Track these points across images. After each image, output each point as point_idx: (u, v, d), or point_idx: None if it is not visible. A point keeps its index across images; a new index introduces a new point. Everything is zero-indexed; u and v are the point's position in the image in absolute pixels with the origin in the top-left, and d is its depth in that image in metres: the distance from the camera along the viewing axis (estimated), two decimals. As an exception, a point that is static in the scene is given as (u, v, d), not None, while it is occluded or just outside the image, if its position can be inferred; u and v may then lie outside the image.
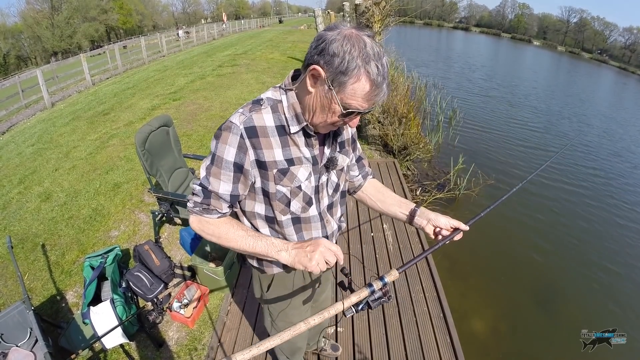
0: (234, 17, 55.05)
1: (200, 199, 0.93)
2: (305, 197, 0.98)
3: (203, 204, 0.93)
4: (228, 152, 0.87)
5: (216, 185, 0.90)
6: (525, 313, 3.10)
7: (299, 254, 0.88)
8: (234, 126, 0.86)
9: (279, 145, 0.89)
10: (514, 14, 75.11)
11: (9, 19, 38.36)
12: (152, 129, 2.33)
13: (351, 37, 0.75)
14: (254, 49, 13.25)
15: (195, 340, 2.09)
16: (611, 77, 33.31)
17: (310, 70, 0.79)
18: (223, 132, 0.87)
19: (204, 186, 0.92)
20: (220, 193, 0.91)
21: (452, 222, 1.05)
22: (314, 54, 0.78)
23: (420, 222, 1.07)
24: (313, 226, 1.04)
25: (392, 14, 4.80)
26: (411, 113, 5.10)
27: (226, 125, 0.87)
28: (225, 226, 0.95)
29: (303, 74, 0.85)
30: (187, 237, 2.68)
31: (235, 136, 0.86)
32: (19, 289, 2.36)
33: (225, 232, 0.94)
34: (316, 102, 0.83)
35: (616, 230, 4.60)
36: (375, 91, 0.78)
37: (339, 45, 0.74)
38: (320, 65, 0.77)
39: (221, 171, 0.89)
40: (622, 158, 7.70)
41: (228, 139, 0.86)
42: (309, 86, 0.82)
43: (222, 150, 0.87)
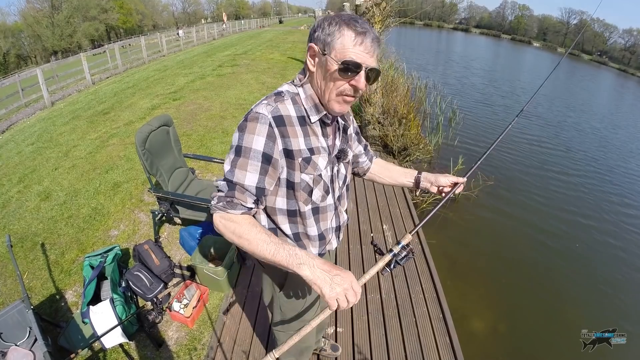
0: (234, 17, 55.05)
1: (225, 192, 0.89)
2: (325, 185, 1.02)
3: (227, 197, 0.89)
4: (257, 142, 0.87)
5: (241, 177, 0.88)
6: (525, 313, 3.10)
7: (323, 276, 0.81)
8: (262, 116, 0.87)
9: (301, 135, 0.93)
10: (513, 15, 75.27)
11: (9, 18, 38.40)
12: (152, 128, 2.33)
13: (330, 15, 0.88)
14: (254, 49, 13.26)
15: (195, 340, 2.09)
16: (611, 78, 33.35)
17: (307, 53, 0.90)
18: (249, 122, 0.87)
19: (228, 180, 0.89)
20: (246, 185, 0.88)
21: (451, 179, 1.19)
22: (308, 41, 0.90)
23: (425, 185, 1.22)
24: (328, 216, 1.08)
25: (393, 14, 4.81)
26: (411, 114, 5.10)
27: (252, 116, 0.88)
28: (248, 226, 0.89)
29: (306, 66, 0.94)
30: (187, 236, 2.68)
31: (264, 125, 0.87)
32: (18, 288, 2.35)
33: (247, 231, 0.88)
34: (320, 77, 0.90)
35: (617, 230, 4.61)
36: (362, 37, 0.84)
37: (321, 22, 0.87)
38: (312, 44, 0.89)
39: (248, 161, 0.87)
40: (623, 157, 7.71)
41: (256, 129, 0.87)
42: (311, 67, 0.91)
43: (250, 141, 0.87)
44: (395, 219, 3.21)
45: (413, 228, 1.00)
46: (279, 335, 1.33)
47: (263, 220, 1.05)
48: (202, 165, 3.95)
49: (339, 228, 1.16)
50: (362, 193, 3.61)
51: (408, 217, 3.25)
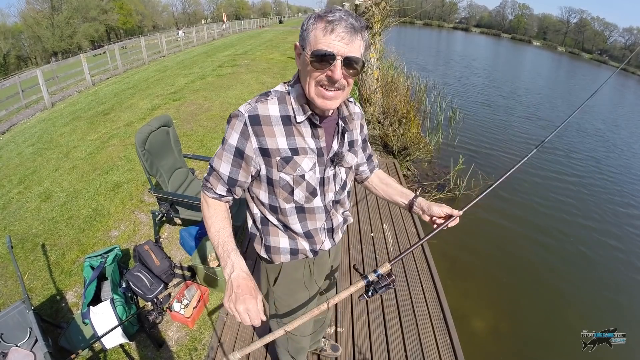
0: (234, 18, 55.04)
1: (209, 176, 1.01)
2: (309, 187, 1.01)
3: (206, 180, 1.02)
4: (232, 137, 0.94)
5: (218, 165, 0.98)
6: (525, 313, 3.10)
7: (230, 288, 0.89)
8: (240, 114, 0.93)
9: (282, 134, 0.93)
10: (514, 14, 75.18)
11: (9, 19, 38.42)
12: (152, 129, 2.33)
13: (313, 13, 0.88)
14: (254, 49, 13.27)
15: (195, 340, 2.09)
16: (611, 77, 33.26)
17: (296, 46, 0.90)
18: (232, 118, 0.94)
19: (210, 165, 1.01)
20: (220, 172, 0.98)
21: (446, 210, 1.10)
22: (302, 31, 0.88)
23: (417, 211, 1.17)
24: (317, 217, 1.07)
25: (392, 14, 4.81)
26: (411, 113, 5.10)
27: (234, 112, 0.95)
28: (214, 210, 1.00)
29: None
30: (187, 237, 2.68)
31: (240, 123, 0.92)
32: (19, 288, 2.36)
33: (208, 215, 1.00)
34: (303, 74, 0.90)
35: (617, 230, 4.61)
36: (332, 25, 0.80)
37: (304, 21, 0.87)
38: (296, 42, 0.90)
39: (224, 152, 0.96)
40: (624, 155, 7.71)
41: (234, 125, 0.93)
42: (298, 65, 0.92)
43: (229, 135, 0.94)
44: (396, 219, 3.21)
45: (395, 257, 0.98)
46: (273, 325, 1.33)
47: (254, 209, 1.10)
48: (202, 166, 3.95)
49: (332, 230, 1.14)
50: (362, 192, 3.61)
51: (408, 217, 3.25)
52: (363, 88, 4.83)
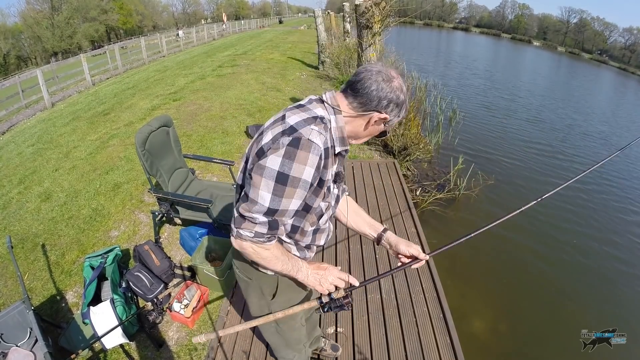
0: (234, 18, 55.02)
1: (266, 229, 0.90)
2: (327, 208, 1.07)
3: (269, 234, 0.91)
4: (307, 173, 0.85)
5: (287, 205, 0.88)
6: (525, 313, 3.10)
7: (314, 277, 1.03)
8: (315, 147, 0.85)
9: (332, 165, 0.96)
10: (513, 14, 75.11)
11: (9, 19, 38.37)
12: (152, 129, 2.33)
13: (402, 86, 0.94)
14: (254, 50, 13.26)
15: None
16: (611, 77, 33.31)
17: (376, 117, 0.93)
18: (301, 151, 0.83)
19: (273, 214, 0.88)
20: (290, 210, 0.90)
21: (412, 250, 1.13)
22: (381, 104, 0.92)
23: (385, 245, 1.20)
24: (324, 235, 1.14)
25: (392, 14, 4.80)
26: (411, 113, 5.10)
27: (304, 143, 0.83)
28: (277, 251, 0.98)
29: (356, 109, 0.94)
30: (187, 237, 2.68)
31: (316, 157, 0.85)
32: (19, 288, 2.36)
33: (276, 255, 0.98)
34: (371, 131, 0.98)
35: (617, 230, 4.60)
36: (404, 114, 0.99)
37: (402, 96, 0.93)
38: (386, 113, 0.93)
39: (296, 191, 0.86)
40: (624, 155, 7.70)
41: (308, 160, 0.84)
42: (370, 125, 0.96)
43: (301, 171, 0.84)
44: (396, 219, 3.21)
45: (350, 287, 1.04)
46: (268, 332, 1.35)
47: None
48: (202, 166, 3.95)
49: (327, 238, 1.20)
50: (362, 192, 3.61)
51: (408, 217, 3.25)
52: (363, 88, 4.83)
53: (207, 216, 2.37)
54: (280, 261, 0.98)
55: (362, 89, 0.91)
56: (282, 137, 0.85)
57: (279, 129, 0.88)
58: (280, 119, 0.91)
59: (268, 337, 1.39)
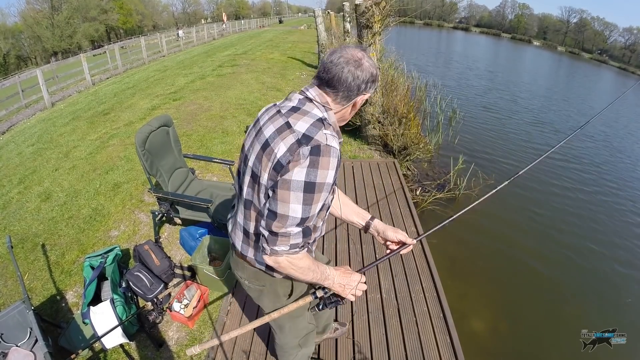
0: (234, 17, 55.00)
1: (301, 239, 0.92)
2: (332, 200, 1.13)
3: (303, 243, 0.93)
4: (330, 176, 0.88)
5: (315, 209, 0.90)
6: (525, 313, 3.10)
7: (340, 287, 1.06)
8: (334, 150, 0.88)
9: None
10: (514, 14, 75.07)
11: (9, 19, 38.40)
12: (152, 129, 2.33)
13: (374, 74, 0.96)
14: (254, 49, 13.26)
15: (195, 340, 2.09)
16: (611, 77, 33.27)
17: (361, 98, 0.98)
18: (322, 157, 0.85)
19: (304, 222, 0.90)
20: (316, 213, 0.92)
21: (400, 236, 1.16)
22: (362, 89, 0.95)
23: (373, 232, 1.23)
24: (324, 225, 1.16)
25: (392, 14, 4.79)
26: (411, 113, 5.09)
27: (324, 150, 0.86)
28: (309, 259, 1.00)
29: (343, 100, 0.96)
30: (187, 237, 2.68)
31: (335, 159, 0.88)
32: (19, 288, 2.36)
33: (309, 265, 0.99)
34: (355, 109, 1.02)
35: (617, 230, 4.60)
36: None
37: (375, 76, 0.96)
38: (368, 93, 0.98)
39: (322, 195, 0.89)
40: (625, 155, 7.70)
41: (330, 164, 0.87)
42: (356, 107, 1.01)
43: (325, 176, 0.86)
44: (396, 218, 3.21)
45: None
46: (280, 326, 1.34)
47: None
48: (202, 166, 3.95)
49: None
50: (362, 192, 3.61)
51: (408, 217, 3.24)
52: (363, 88, 4.83)
53: (207, 216, 2.37)
54: (312, 271, 0.99)
55: (339, 84, 0.92)
56: (299, 147, 0.86)
57: (291, 139, 0.88)
58: (286, 127, 0.91)
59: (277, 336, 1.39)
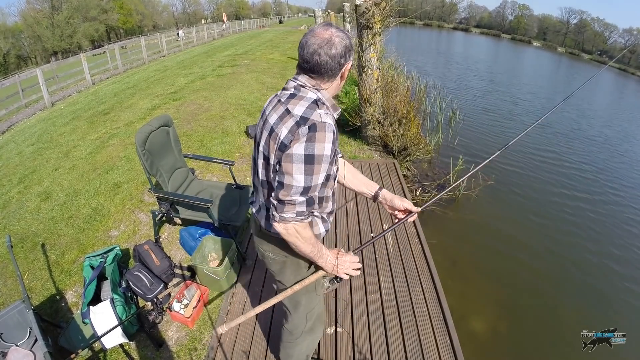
0: (234, 18, 55.01)
1: (305, 207, 1.01)
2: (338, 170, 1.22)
3: (307, 211, 1.03)
4: (327, 149, 0.96)
5: (317, 182, 0.99)
6: (525, 313, 3.10)
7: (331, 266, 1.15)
8: (329, 125, 0.96)
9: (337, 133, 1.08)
10: (514, 15, 75.08)
11: (9, 18, 38.42)
12: (152, 128, 2.33)
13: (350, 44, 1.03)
14: (254, 49, 13.27)
15: (195, 340, 2.09)
16: (611, 77, 33.29)
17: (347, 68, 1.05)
18: (318, 132, 0.94)
19: (307, 192, 0.99)
20: (318, 188, 1.02)
21: (406, 205, 1.26)
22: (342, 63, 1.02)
23: (382, 201, 1.33)
24: (334, 198, 1.24)
25: (392, 14, 4.80)
26: (411, 114, 5.09)
27: (320, 125, 0.95)
28: (311, 232, 1.09)
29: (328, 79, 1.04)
30: (187, 237, 2.68)
31: (330, 133, 0.96)
32: (19, 288, 2.36)
33: (310, 235, 1.08)
34: (343, 79, 1.08)
35: (617, 230, 4.61)
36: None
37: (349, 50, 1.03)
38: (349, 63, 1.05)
39: (321, 166, 0.97)
40: (625, 156, 7.70)
41: (326, 137, 0.95)
42: (343, 78, 1.07)
43: (322, 148, 0.95)
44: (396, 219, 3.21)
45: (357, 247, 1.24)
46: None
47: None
48: (202, 166, 3.95)
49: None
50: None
51: (408, 217, 3.24)
52: (363, 88, 4.82)
53: (207, 216, 2.36)
54: (312, 245, 1.08)
55: (320, 69, 1.00)
56: (298, 128, 0.95)
57: (291, 122, 0.97)
58: (286, 113, 1.00)
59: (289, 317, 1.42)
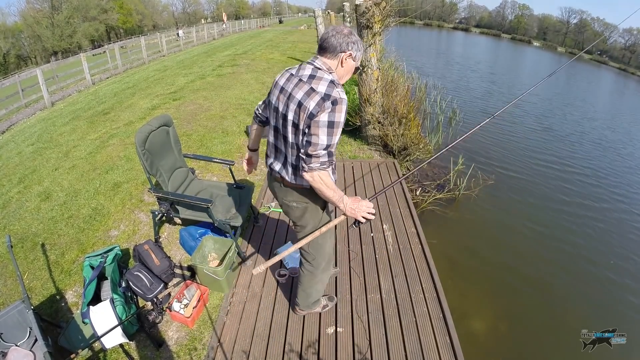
0: (234, 17, 55.00)
1: (327, 158, 1.35)
2: None
3: (330, 160, 1.37)
4: (344, 117, 1.32)
5: (335, 139, 1.33)
6: (525, 313, 3.10)
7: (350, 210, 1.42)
8: (344, 100, 1.31)
9: None
10: (514, 14, 75.03)
11: (9, 18, 38.38)
12: (152, 128, 2.33)
13: (352, 32, 1.42)
14: (254, 49, 13.26)
15: (195, 340, 2.09)
16: (612, 78, 33.26)
17: (344, 55, 1.40)
18: (338, 105, 1.30)
19: (328, 148, 1.33)
20: (336, 142, 1.35)
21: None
22: (344, 47, 1.39)
23: None
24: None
25: (393, 14, 4.79)
26: (411, 113, 5.09)
27: (339, 101, 1.30)
28: (331, 177, 1.41)
29: (333, 59, 1.41)
30: (187, 236, 2.68)
31: (345, 106, 1.32)
32: (19, 288, 2.36)
33: (331, 181, 1.40)
34: (347, 71, 1.45)
35: (617, 230, 4.61)
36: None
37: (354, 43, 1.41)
38: (351, 51, 1.40)
39: (338, 130, 1.33)
40: (626, 157, 7.70)
41: (343, 109, 1.31)
42: (343, 65, 1.42)
43: (340, 117, 1.31)
44: (396, 219, 3.21)
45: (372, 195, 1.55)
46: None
47: None
48: (202, 166, 3.95)
49: None
50: (362, 193, 3.61)
51: (408, 217, 3.24)
52: (363, 88, 4.81)
53: (207, 216, 2.36)
54: (333, 190, 1.39)
55: (329, 45, 1.38)
56: (324, 102, 1.30)
57: (317, 97, 1.31)
58: (311, 90, 1.33)
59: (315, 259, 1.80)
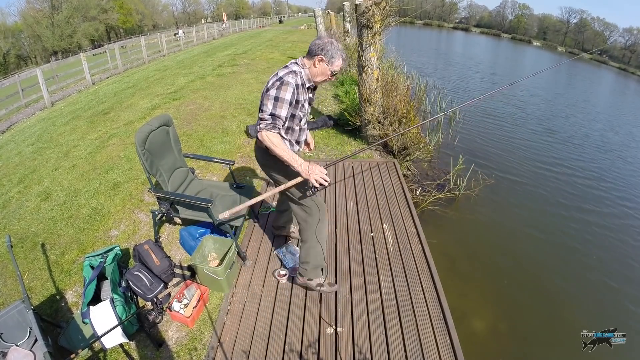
0: (234, 17, 54.97)
1: (270, 121, 1.72)
2: (304, 116, 1.96)
3: (273, 124, 1.72)
4: (287, 95, 1.71)
5: (280, 112, 1.72)
6: (525, 313, 3.10)
7: (305, 170, 1.73)
8: (290, 83, 1.71)
9: (302, 93, 1.83)
10: (514, 14, 74.96)
11: (9, 18, 38.37)
12: (152, 128, 2.33)
13: (331, 42, 1.79)
14: (254, 49, 13.25)
15: (195, 340, 2.09)
16: (612, 77, 33.27)
17: (317, 58, 1.78)
18: (284, 85, 1.71)
19: (272, 114, 1.71)
20: (282, 116, 1.74)
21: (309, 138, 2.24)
22: (318, 51, 1.77)
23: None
24: (303, 131, 2.02)
25: (393, 14, 4.79)
26: (411, 113, 5.08)
27: (286, 81, 1.71)
28: (279, 139, 1.75)
29: (309, 60, 1.81)
30: (187, 236, 2.68)
31: (291, 87, 1.72)
32: (19, 288, 2.36)
33: (278, 142, 1.74)
34: (320, 72, 1.82)
35: (617, 230, 4.60)
36: (343, 63, 1.84)
37: (329, 47, 1.78)
38: (322, 55, 1.78)
39: (283, 105, 1.72)
40: (626, 158, 7.70)
41: (288, 89, 1.71)
42: (316, 65, 1.80)
43: (284, 94, 1.70)
44: (396, 219, 3.21)
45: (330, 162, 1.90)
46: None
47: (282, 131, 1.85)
48: (202, 165, 3.95)
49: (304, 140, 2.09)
50: (362, 192, 3.61)
51: (408, 217, 3.24)
52: (363, 88, 4.81)
53: (207, 216, 2.36)
54: (283, 150, 1.73)
55: (310, 49, 1.79)
56: (276, 81, 1.73)
57: (274, 78, 1.75)
58: (276, 74, 1.77)
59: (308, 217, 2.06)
